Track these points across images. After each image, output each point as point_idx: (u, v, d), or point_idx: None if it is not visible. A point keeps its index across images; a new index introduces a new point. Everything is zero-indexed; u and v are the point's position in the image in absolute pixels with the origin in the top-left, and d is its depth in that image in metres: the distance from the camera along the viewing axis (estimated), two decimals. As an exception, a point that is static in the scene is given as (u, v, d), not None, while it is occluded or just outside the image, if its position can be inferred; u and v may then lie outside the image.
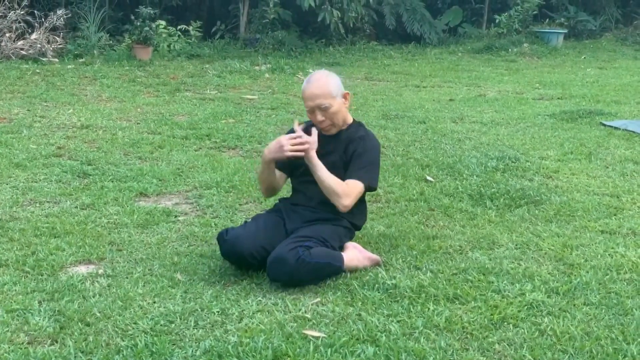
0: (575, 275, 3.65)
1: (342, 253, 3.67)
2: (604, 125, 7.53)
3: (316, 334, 3.01)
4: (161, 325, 3.08)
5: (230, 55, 12.57)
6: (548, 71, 12.48)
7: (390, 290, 3.43)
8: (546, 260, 3.88)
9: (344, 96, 3.84)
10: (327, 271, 3.54)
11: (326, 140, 3.81)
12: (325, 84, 3.74)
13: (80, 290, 3.40)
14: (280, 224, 3.77)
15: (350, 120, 3.93)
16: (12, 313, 3.16)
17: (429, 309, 3.25)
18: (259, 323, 3.11)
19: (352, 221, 3.87)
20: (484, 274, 3.64)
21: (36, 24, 11.35)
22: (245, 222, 3.88)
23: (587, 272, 3.69)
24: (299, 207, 3.84)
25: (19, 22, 11.26)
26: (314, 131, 3.70)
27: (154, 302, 3.30)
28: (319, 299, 3.35)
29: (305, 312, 3.22)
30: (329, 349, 2.87)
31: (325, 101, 3.71)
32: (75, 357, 2.82)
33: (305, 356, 2.83)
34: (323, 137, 3.79)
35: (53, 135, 6.63)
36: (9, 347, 2.88)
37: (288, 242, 3.55)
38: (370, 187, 3.81)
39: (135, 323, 3.09)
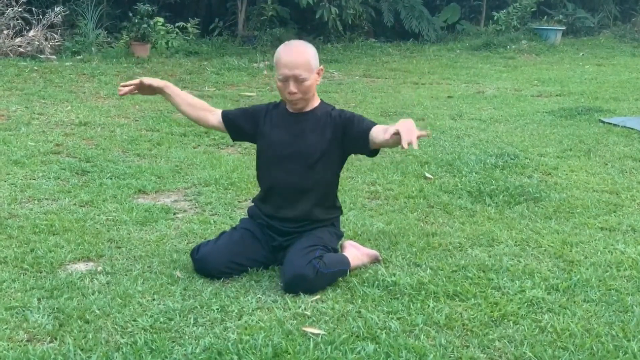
0: (575, 272, 3.65)
1: (345, 254, 3.65)
2: (603, 122, 7.53)
3: (316, 331, 3.01)
4: (161, 322, 3.07)
5: (229, 53, 12.56)
6: (546, 68, 12.48)
7: (390, 288, 3.42)
8: (546, 257, 3.87)
9: (318, 72, 3.56)
10: (339, 276, 3.51)
11: (296, 119, 3.62)
12: (307, 55, 3.49)
13: (80, 287, 3.39)
14: (261, 239, 3.67)
15: (318, 99, 3.70)
16: (11, 310, 3.15)
17: (429, 306, 3.24)
18: (259, 320, 3.10)
19: (334, 208, 3.76)
20: (483, 271, 3.63)
21: (34, 21, 11.32)
22: (224, 232, 3.79)
23: (587, 269, 3.69)
24: (277, 220, 3.66)
25: (17, 19, 11.24)
26: None
27: (154, 300, 3.29)
28: (318, 296, 3.34)
29: (305, 309, 3.21)
30: (329, 346, 2.86)
31: (305, 73, 3.46)
32: (74, 354, 2.81)
33: (305, 353, 2.82)
34: (292, 117, 3.62)
35: (51, 132, 6.61)
36: (8, 345, 2.87)
37: (298, 255, 3.44)
38: None
39: (134, 320, 3.07)
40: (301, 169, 3.60)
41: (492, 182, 5.17)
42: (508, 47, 14.56)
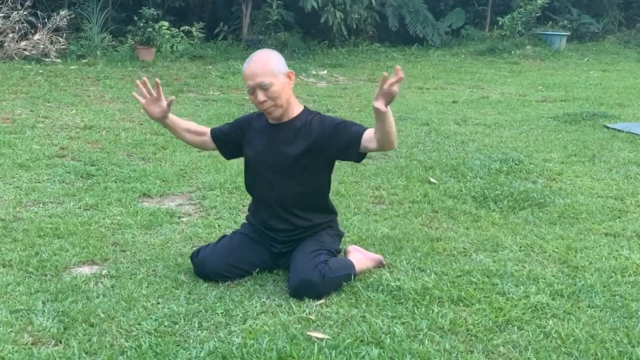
0: (579, 277, 3.64)
1: (350, 259, 3.64)
2: (608, 127, 7.53)
3: (320, 335, 3.01)
4: (165, 326, 3.07)
5: (233, 57, 12.57)
6: (551, 73, 12.48)
7: (395, 292, 3.42)
8: (550, 262, 3.87)
9: (288, 75, 3.53)
10: (345, 280, 3.50)
11: (273, 130, 3.60)
12: (266, 61, 3.49)
13: (84, 290, 3.40)
14: (261, 244, 3.67)
15: (300, 107, 3.67)
16: (16, 313, 3.15)
17: (433, 311, 3.24)
18: (263, 324, 3.11)
19: (329, 211, 3.73)
20: (488, 276, 3.63)
21: (39, 25, 11.36)
22: (224, 235, 3.79)
23: (592, 274, 3.68)
24: (273, 231, 3.64)
25: (22, 23, 11.27)
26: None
27: (158, 303, 3.29)
28: (322, 301, 3.34)
29: (310, 313, 3.22)
30: (333, 351, 2.86)
31: (266, 79, 3.44)
32: (79, 357, 2.81)
33: (309, 358, 2.82)
34: (270, 128, 3.61)
35: (56, 135, 6.63)
36: (13, 348, 2.87)
37: (303, 261, 3.43)
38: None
39: (139, 324, 3.08)
40: (281, 181, 3.58)
41: (496, 187, 5.17)
42: (513, 52, 14.57)
